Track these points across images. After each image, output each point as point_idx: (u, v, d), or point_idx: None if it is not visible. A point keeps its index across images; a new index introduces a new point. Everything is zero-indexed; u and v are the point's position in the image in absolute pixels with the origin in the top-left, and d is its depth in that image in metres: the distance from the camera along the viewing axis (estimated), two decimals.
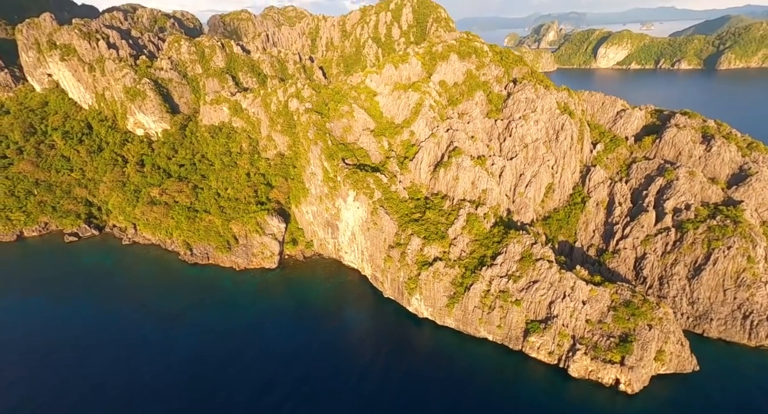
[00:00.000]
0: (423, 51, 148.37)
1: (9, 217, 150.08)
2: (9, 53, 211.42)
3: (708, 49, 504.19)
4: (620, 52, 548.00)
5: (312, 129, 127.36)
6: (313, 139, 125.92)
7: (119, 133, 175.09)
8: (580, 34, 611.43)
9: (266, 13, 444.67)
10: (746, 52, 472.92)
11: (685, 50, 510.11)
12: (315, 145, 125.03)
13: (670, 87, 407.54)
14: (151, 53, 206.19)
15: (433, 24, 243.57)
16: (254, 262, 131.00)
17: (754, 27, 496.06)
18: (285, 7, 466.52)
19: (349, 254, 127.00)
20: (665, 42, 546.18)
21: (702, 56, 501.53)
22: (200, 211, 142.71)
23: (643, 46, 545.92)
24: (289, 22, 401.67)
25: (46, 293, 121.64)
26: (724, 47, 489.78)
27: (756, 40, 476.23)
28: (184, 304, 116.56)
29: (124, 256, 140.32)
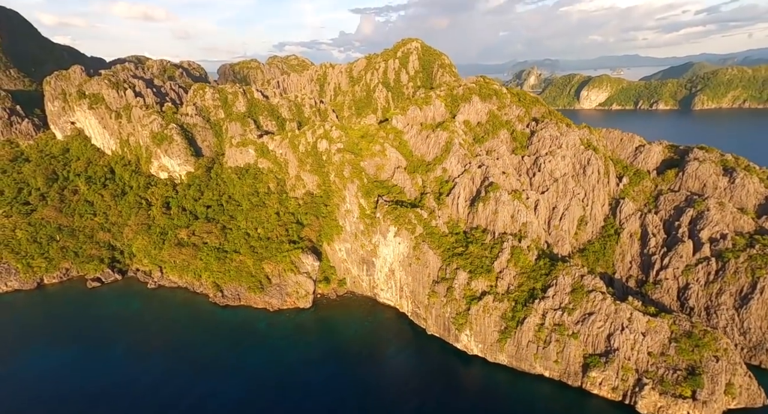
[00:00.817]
0: (444, 93, 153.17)
1: (30, 264, 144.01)
2: (27, 104, 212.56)
3: (681, 92, 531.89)
4: (601, 94, 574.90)
5: (347, 168, 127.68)
6: (349, 178, 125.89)
7: (143, 177, 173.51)
8: (563, 78, 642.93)
9: (271, 61, 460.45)
10: (716, 94, 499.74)
11: (661, 92, 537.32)
12: (351, 183, 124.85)
13: (656, 125, 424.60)
14: (172, 100, 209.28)
15: (438, 69, 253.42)
16: (288, 302, 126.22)
17: (721, 72, 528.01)
18: (287, 57, 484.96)
19: (386, 291, 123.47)
20: (641, 85, 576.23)
21: (677, 98, 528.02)
22: (230, 252, 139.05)
23: (621, 88, 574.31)
24: (292, 69, 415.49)
25: (74, 343, 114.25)
26: (696, 90, 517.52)
27: (724, 83, 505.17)
28: (220, 349, 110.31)
29: (151, 300, 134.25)
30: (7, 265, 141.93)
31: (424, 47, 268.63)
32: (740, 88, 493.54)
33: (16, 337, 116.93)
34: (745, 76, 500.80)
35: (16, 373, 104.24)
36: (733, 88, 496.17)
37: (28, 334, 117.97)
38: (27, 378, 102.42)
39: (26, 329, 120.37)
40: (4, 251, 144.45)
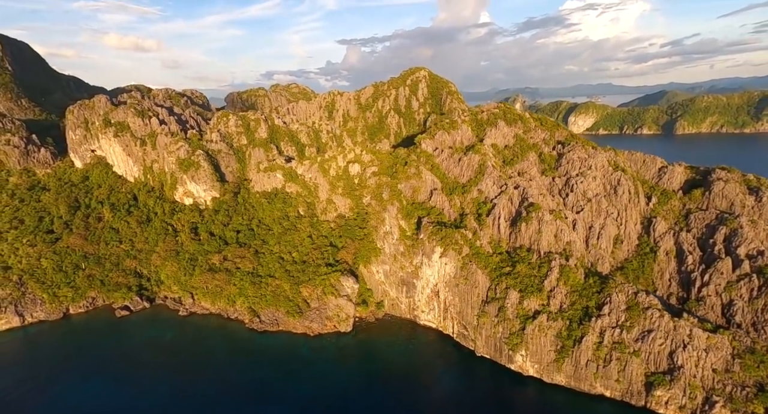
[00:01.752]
0: (468, 118, 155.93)
1: (56, 293, 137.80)
2: (39, 132, 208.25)
3: (663, 118, 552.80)
4: (588, 119, 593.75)
5: (386, 190, 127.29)
6: (388, 200, 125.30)
7: (167, 203, 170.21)
8: (551, 105, 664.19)
9: (274, 89, 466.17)
10: (696, 120, 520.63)
11: (644, 118, 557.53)
12: (391, 205, 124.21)
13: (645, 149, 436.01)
14: (191, 127, 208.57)
15: (447, 96, 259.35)
16: (328, 326, 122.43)
17: (698, 99, 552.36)
18: (288, 85, 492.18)
19: (427, 313, 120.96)
20: (625, 111, 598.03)
21: (659, 123, 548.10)
22: (264, 276, 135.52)
23: (606, 114, 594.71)
24: (293, 97, 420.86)
25: (111, 374, 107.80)
26: (677, 116, 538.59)
27: (702, 109, 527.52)
28: (265, 375, 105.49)
29: (184, 327, 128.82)
30: (32, 296, 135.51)
31: (431, 75, 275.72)
32: (717, 114, 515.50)
33: (48, 370, 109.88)
34: (720, 103, 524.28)
35: (52, 408, 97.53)
36: (711, 114, 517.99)
37: (61, 367, 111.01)
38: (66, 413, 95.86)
39: (58, 361, 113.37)
40: (30, 281, 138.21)
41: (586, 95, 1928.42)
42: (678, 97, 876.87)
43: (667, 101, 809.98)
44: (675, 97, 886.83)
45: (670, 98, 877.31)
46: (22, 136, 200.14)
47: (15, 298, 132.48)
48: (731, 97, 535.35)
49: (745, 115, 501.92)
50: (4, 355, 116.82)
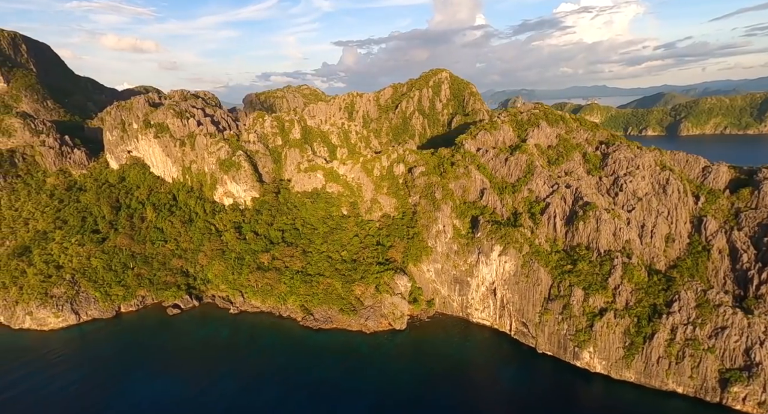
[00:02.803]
0: (508, 119, 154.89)
1: (108, 292, 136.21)
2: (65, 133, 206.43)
3: (667, 119, 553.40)
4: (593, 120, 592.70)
5: (438, 190, 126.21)
6: (441, 199, 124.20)
7: (208, 203, 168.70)
8: (555, 106, 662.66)
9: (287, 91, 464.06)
10: (699, 121, 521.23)
11: (648, 120, 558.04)
12: (445, 204, 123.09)
13: None
14: (224, 128, 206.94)
15: (470, 98, 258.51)
16: (383, 324, 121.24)
17: (702, 101, 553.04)
18: (300, 86, 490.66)
19: (481, 311, 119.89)
20: (629, 112, 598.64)
21: (663, 124, 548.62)
22: (314, 275, 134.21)
23: (610, 116, 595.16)
24: (306, 98, 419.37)
25: (176, 370, 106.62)
26: (681, 117, 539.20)
27: (705, 111, 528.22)
28: (330, 372, 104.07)
29: (238, 325, 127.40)
30: (86, 294, 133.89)
31: (452, 77, 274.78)
32: (720, 116, 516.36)
33: (115, 366, 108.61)
34: (723, 105, 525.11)
35: (123, 403, 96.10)
36: (714, 115, 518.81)
37: (126, 363, 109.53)
38: (137, 410, 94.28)
39: (122, 358, 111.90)
40: (82, 280, 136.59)
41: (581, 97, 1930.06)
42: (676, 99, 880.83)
43: (665, 103, 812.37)
44: (673, 98, 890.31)
45: (668, 100, 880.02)
46: (55, 137, 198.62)
47: (70, 296, 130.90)
48: (734, 98, 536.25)
49: (748, 116, 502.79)
50: (68, 352, 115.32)
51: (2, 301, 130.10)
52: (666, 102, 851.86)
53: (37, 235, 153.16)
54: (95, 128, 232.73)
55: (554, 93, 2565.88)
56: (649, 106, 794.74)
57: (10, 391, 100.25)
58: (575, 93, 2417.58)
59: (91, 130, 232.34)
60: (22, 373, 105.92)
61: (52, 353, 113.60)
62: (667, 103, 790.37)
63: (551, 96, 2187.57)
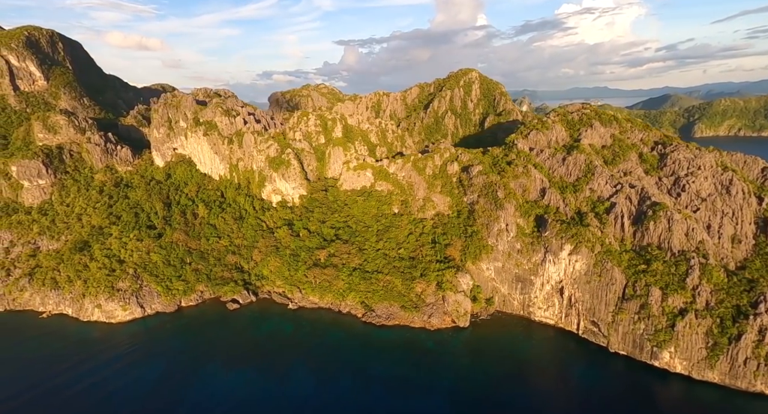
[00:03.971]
0: (558, 118, 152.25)
1: (169, 286, 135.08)
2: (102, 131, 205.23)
3: (680, 121, 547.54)
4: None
5: (500, 189, 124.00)
6: (504, 198, 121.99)
7: (257, 201, 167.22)
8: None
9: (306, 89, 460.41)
10: (713, 123, 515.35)
11: (661, 121, 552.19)
12: (508, 203, 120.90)
13: None
14: (265, 127, 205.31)
15: (501, 98, 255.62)
16: (446, 321, 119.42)
17: (716, 103, 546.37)
18: (317, 85, 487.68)
19: (544, 310, 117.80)
20: (641, 114, 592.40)
21: (676, 126, 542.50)
22: (372, 272, 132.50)
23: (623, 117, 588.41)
24: (325, 97, 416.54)
25: (249, 363, 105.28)
26: (694, 119, 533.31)
27: (719, 113, 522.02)
28: (401, 368, 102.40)
29: (299, 321, 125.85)
30: (148, 288, 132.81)
31: (482, 77, 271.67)
32: (734, 118, 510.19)
33: (187, 359, 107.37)
34: (737, 107, 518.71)
35: (206, 395, 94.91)
36: (728, 117, 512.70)
37: (199, 356, 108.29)
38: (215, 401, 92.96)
39: (193, 351, 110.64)
40: (143, 274, 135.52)
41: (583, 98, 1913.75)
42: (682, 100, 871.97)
43: (672, 104, 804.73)
44: (679, 100, 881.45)
45: (674, 102, 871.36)
46: (99, 134, 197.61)
47: (134, 290, 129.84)
48: (748, 100, 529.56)
49: (763, 118, 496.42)
50: (141, 344, 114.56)
51: (69, 293, 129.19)
52: (672, 103, 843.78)
53: (93, 230, 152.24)
54: (128, 126, 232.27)
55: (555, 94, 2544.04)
56: (654, 107, 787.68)
57: (89, 379, 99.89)
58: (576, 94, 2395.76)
59: (124, 127, 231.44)
60: (100, 363, 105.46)
61: (125, 345, 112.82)
62: (674, 105, 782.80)
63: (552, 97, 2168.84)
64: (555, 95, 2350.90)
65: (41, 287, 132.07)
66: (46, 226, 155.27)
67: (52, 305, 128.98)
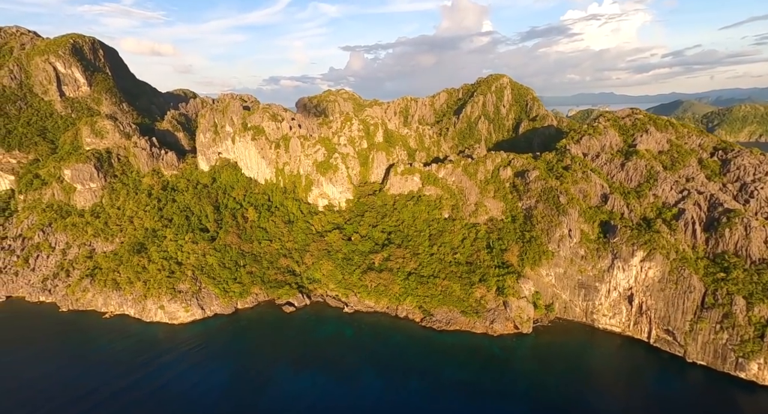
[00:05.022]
0: (609, 123, 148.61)
1: (226, 288, 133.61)
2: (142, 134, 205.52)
3: (698, 127, 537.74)
4: None
5: (563, 194, 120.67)
6: (567, 203, 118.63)
7: (304, 204, 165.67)
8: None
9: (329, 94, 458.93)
10: (734, 129, 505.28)
11: None
12: (571, 208, 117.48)
13: None
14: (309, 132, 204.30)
15: (533, 103, 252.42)
16: (509, 327, 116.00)
17: (736, 109, 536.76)
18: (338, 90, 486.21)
19: (610, 317, 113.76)
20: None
21: None
22: (428, 276, 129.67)
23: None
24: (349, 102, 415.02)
25: (316, 366, 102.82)
26: (713, 125, 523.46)
27: (739, 119, 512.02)
28: (472, 373, 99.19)
29: (358, 324, 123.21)
30: (207, 290, 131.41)
31: (512, 82, 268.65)
32: (755, 124, 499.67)
33: (255, 361, 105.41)
34: (758, 113, 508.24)
35: (279, 398, 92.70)
36: (749, 123, 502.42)
37: (264, 358, 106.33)
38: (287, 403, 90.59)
39: (259, 353, 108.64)
40: (201, 276, 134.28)
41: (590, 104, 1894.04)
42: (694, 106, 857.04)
43: (684, 111, 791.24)
44: (691, 106, 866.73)
45: (686, 108, 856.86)
46: (146, 139, 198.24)
47: (194, 291, 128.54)
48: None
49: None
50: (206, 345, 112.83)
51: (130, 295, 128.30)
52: (685, 109, 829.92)
53: (147, 232, 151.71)
54: (164, 130, 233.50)
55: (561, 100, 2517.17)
56: (666, 113, 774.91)
57: (162, 378, 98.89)
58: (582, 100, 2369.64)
59: (160, 132, 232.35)
60: (171, 363, 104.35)
61: (192, 345, 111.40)
62: (686, 111, 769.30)
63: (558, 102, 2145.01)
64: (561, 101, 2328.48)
65: (103, 288, 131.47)
66: (100, 229, 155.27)
67: (114, 306, 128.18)
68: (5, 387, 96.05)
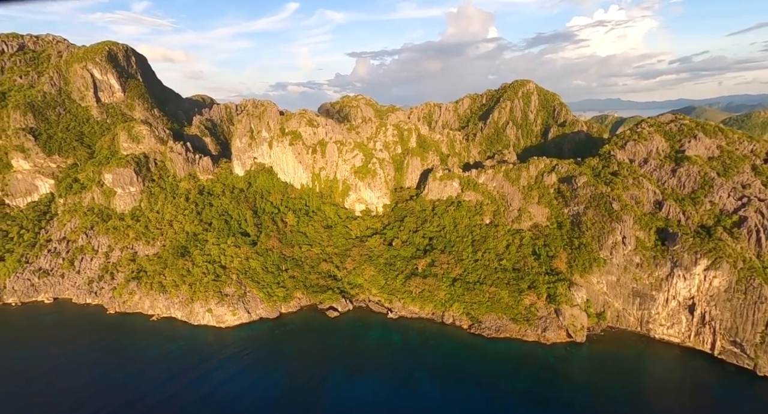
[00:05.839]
0: (653, 129, 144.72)
1: (270, 292, 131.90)
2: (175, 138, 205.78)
3: None
4: None
5: (616, 201, 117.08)
6: (621, 210, 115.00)
7: (342, 209, 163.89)
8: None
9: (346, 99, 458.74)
10: (754, 135, 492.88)
11: None
12: (626, 215, 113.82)
13: None
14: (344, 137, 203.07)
15: (561, 108, 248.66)
16: (561, 336, 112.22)
17: (755, 115, 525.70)
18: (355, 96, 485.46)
19: (667, 327, 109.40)
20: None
21: None
22: (473, 283, 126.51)
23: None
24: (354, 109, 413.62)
25: (370, 371, 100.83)
26: None
27: (759, 125, 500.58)
28: (531, 382, 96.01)
29: (404, 330, 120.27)
30: (252, 294, 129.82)
31: (538, 88, 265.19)
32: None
33: (306, 365, 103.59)
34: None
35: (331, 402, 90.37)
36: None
37: (316, 363, 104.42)
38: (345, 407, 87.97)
39: (310, 357, 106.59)
40: (245, 280, 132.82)
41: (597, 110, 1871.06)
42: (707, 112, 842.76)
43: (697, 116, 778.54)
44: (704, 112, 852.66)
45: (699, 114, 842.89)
46: (180, 143, 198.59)
47: (240, 295, 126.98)
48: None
49: None
50: (256, 349, 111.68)
51: (176, 298, 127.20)
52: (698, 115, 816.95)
53: (188, 236, 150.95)
54: (193, 135, 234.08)
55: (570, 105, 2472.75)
56: None
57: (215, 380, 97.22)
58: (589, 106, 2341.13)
59: (189, 137, 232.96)
60: (225, 365, 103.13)
61: (242, 349, 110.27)
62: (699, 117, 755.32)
63: None
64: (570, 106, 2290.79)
65: (149, 291, 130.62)
66: (141, 232, 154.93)
67: (161, 309, 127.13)
68: (63, 387, 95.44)
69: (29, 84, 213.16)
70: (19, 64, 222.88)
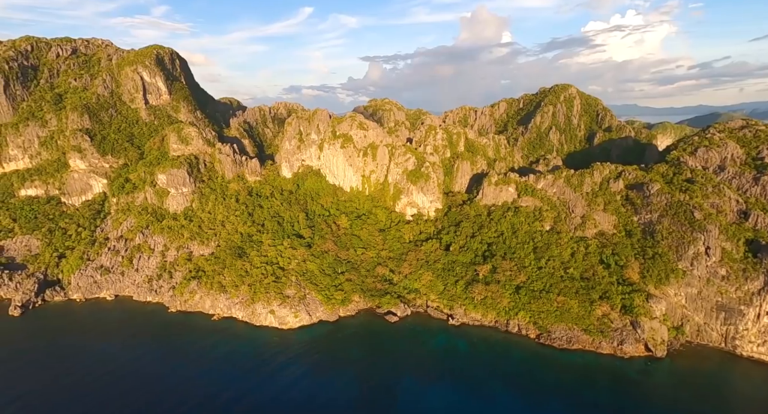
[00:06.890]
0: (724, 135, 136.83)
1: (329, 295, 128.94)
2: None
3: None
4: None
5: (698, 210, 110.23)
6: (704, 219, 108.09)
7: (394, 213, 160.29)
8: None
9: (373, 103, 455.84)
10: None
11: None
12: (710, 224, 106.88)
13: None
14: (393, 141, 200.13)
15: (606, 114, 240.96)
16: (638, 349, 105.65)
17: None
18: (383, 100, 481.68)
19: (758, 345, 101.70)
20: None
21: None
22: (539, 291, 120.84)
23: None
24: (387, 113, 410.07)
25: (440, 379, 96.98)
26: None
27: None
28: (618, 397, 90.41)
29: (468, 338, 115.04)
30: (311, 296, 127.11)
31: (580, 93, 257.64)
32: None
33: (376, 369, 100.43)
34: None
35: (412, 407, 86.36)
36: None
37: (385, 368, 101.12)
38: None
39: (378, 362, 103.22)
40: (304, 282, 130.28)
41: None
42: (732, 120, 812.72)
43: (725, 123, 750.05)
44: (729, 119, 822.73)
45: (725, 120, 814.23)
46: (228, 145, 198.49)
47: (300, 297, 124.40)
48: None
49: None
50: (325, 351, 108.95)
51: (237, 298, 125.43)
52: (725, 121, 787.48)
53: (243, 237, 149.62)
54: (232, 137, 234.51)
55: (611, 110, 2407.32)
56: (701, 125, 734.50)
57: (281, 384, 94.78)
58: None
59: (228, 138, 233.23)
60: (293, 367, 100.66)
61: (308, 351, 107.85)
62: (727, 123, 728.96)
63: None
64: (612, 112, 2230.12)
65: (210, 291, 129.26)
66: (195, 232, 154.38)
67: (222, 309, 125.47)
68: (132, 385, 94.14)
69: (83, 86, 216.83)
70: (73, 67, 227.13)
